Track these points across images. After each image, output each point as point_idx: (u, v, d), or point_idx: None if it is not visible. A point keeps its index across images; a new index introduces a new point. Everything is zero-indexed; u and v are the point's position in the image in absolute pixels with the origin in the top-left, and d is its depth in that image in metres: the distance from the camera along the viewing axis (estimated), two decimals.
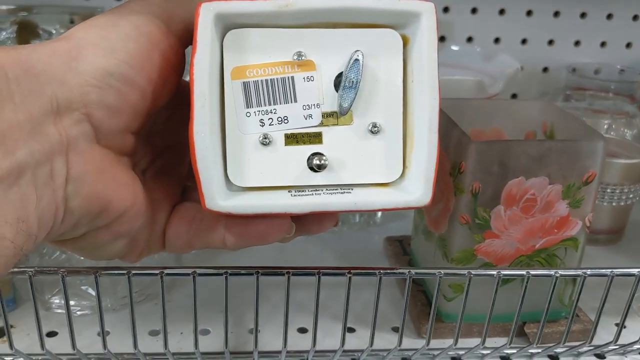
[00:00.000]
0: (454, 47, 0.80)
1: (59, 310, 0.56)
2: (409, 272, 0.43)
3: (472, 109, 0.58)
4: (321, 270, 0.43)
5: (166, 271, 0.44)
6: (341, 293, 0.59)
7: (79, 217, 0.31)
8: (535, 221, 0.50)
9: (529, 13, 0.95)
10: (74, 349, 0.45)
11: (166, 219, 0.37)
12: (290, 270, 0.43)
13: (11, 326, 0.53)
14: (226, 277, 0.44)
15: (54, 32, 0.82)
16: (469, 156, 0.48)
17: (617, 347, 0.51)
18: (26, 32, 0.90)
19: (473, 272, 0.44)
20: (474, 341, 0.54)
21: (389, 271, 0.44)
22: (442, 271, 0.44)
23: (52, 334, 0.53)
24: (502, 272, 0.44)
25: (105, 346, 0.46)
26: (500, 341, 0.54)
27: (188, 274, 0.44)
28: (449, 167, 0.51)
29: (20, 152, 0.27)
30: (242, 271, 0.44)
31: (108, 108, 0.30)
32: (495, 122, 0.60)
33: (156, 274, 0.44)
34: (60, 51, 0.29)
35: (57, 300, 0.56)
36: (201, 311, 0.56)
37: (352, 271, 0.44)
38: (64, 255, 0.58)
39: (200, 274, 0.44)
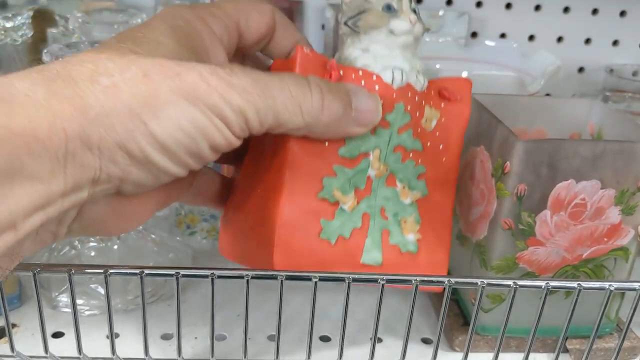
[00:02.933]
0: (490, 43, 0.75)
1: (66, 309, 0.52)
2: (448, 281, 0.39)
3: (514, 106, 0.54)
4: (352, 277, 0.39)
5: (182, 272, 0.40)
6: (366, 299, 0.55)
7: (75, 234, 0.35)
8: (583, 228, 0.46)
9: (566, 10, 0.91)
10: (80, 353, 0.42)
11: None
12: (317, 275, 0.39)
13: (14, 325, 0.50)
14: (247, 281, 0.40)
15: (69, 16, 0.79)
16: (515, 156, 0.44)
17: None
18: (42, 19, 0.87)
19: (519, 282, 0.40)
20: (510, 356, 0.50)
21: (425, 279, 0.40)
22: (485, 281, 0.40)
23: (58, 335, 0.50)
24: (550, 284, 0.40)
25: (113, 351, 0.42)
26: (539, 357, 0.50)
27: (206, 276, 0.40)
28: (491, 168, 0.47)
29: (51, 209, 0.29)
30: (265, 273, 0.41)
31: (143, 186, 0.33)
32: (538, 122, 0.56)
33: (171, 275, 0.40)
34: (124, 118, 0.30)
35: (64, 299, 0.52)
36: (217, 315, 0.53)
37: (384, 278, 0.40)
38: (73, 251, 0.55)
39: (219, 276, 0.40)
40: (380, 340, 0.51)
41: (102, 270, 0.40)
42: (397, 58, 0.43)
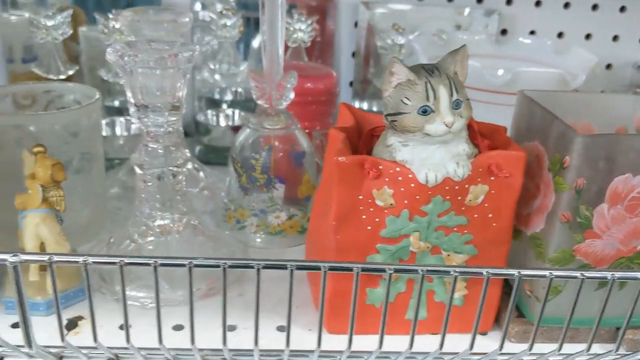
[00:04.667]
0: (525, 40, 0.76)
1: (129, 302, 0.54)
2: (518, 272, 0.40)
3: (561, 102, 0.55)
4: (360, 266, 0.41)
5: (229, 263, 0.41)
6: None
7: None
8: (639, 221, 0.47)
9: (595, 7, 0.92)
10: (128, 342, 0.43)
11: None
12: (327, 265, 0.40)
13: (81, 317, 0.52)
14: (292, 271, 0.41)
15: (110, 16, 0.81)
16: (574, 150, 0.45)
17: None
18: (79, 17, 0.88)
19: (586, 274, 0.41)
20: (565, 347, 0.51)
21: (497, 272, 0.41)
22: (553, 272, 0.41)
23: (124, 327, 0.51)
24: (615, 275, 0.42)
25: (161, 340, 0.43)
26: (592, 347, 0.51)
27: (251, 267, 0.41)
28: (548, 163, 0.48)
29: None
30: (308, 264, 0.42)
31: None
32: (584, 116, 0.57)
33: (218, 267, 0.41)
34: None
35: (127, 292, 0.54)
36: (278, 306, 0.54)
37: (456, 270, 0.41)
38: (132, 244, 0.56)
39: (265, 267, 0.41)
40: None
41: (151, 262, 0.41)
42: (435, 155, 0.45)
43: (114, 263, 0.41)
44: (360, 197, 0.47)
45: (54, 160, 0.50)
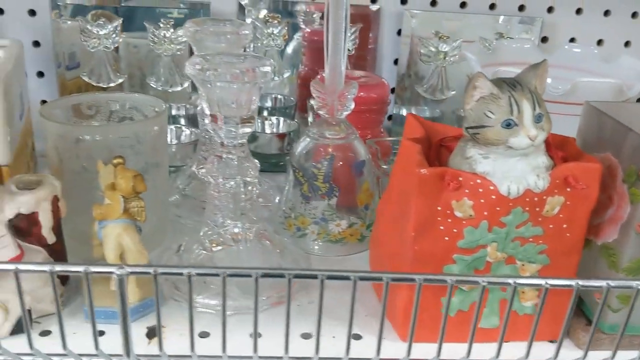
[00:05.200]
0: (575, 49, 0.77)
1: (204, 310, 0.55)
2: (576, 283, 0.41)
3: (627, 112, 0.56)
4: (390, 276, 0.41)
5: (294, 273, 0.42)
6: None
7: None
8: None
9: (634, 15, 0.93)
10: (192, 350, 0.44)
11: None
12: (358, 275, 0.41)
13: (161, 326, 0.52)
14: (355, 282, 0.42)
15: (161, 25, 0.82)
16: None
17: None
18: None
19: None
20: (632, 354, 0.52)
21: (556, 283, 0.42)
22: (611, 283, 0.42)
23: (204, 335, 0.52)
24: None
25: (224, 348, 0.44)
26: None
27: (315, 277, 0.42)
28: (622, 174, 0.49)
29: None
30: (371, 275, 0.43)
31: None
32: None
33: (283, 276, 0.42)
34: None
35: (202, 300, 0.55)
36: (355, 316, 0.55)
37: (517, 281, 0.42)
38: (204, 253, 0.57)
39: (329, 277, 0.42)
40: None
41: (220, 273, 0.41)
42: (516, 167, 0.46)
43: (181, 274, 0.42)
44: (439, 208, 0.48)
45: (135, 172, 0.51)
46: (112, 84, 0.82)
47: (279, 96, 0.97)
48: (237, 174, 0.55)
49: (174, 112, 0.89)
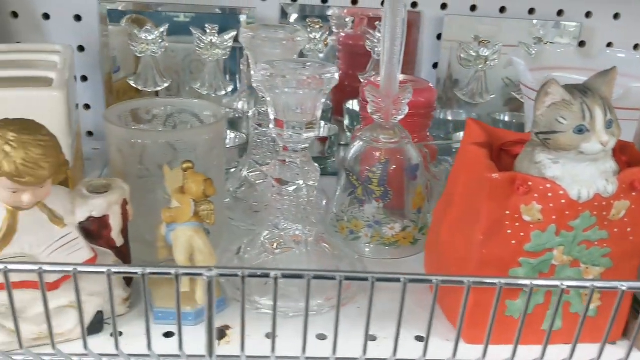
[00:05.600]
0: (620, 54, 0.78)
1: (265, 311, 0.55)
2: (621, 285, 0.42)
3: None
4: (439, 278, 0.42)
5: (345, 275, 0.43)
6: None
7: None
8: None
9: None
10: (242, 351, 0.44)
11: None
12: (407, 278, 0.42)
13: (228, 327, 0.54)
14: (405, 284, 0.42)
15: (207, 31, 0.83)
16: None
17: None
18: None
19: None
20: None
21: (634, 286, 0.42)
22: None
23: (271, 336, 0.53)
24: None
25: (274, 349, 0.45)
26: None
27: (365, 279, 0.43)
28: None
29: None
30: (421, 277, 0.44)
31: None
32: None
33: (334, 279, 0.43)
34: None
35: (264, 301, 0.56)
36: (416, 317, 0.56)
37: (595, 284, 0.42)
38: (266, 255, 0.58)
39: (379, 279, 0.43)
40: None
41: (271, 274, 0.42)
42: (586, 172, 0.47)
43: (235, 275, 0.42)
44: (507, 212, 0.48)
45: (204, 176, 0.52)
46: (158, 88, 0.84)
47: None
48: (300, 178, 0.56)
49: None
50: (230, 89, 0.86)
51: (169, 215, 0.53)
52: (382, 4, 0.91)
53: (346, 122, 0.96)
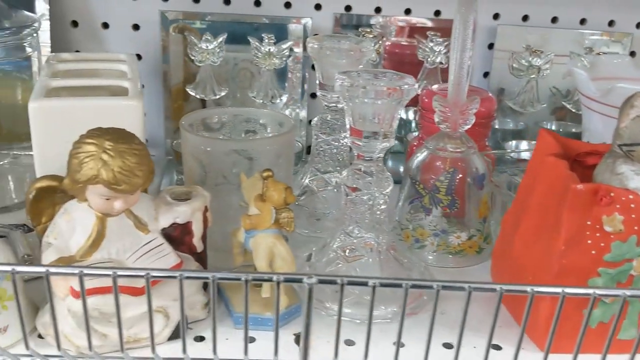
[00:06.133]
0: None
1: (342, 318, 0.56)
2: None
3: None
4: (503, 287, 0.42)
5: (412, 283, 0.43)
6: None
7: None
8: None
9: None
10: (276, 355, 0.45)
11: None
12: (473, 286, 0.42)
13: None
14: (469, 292, 0.43)
15: (265, 40, 0.84)
16: None
17: None
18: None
19: None
20: None
21: None
22: None
23: (350, 343, 0.54)
24: None
25: (336, 353, 0.45)
26: None
27: (431, 287, 0.43)
28: None
29: None
30: (486, 286, 0.44)
31: None
32: None
33: (400, 286, 0.43)
34: None
35: (345, 310, 0.56)
36: (484, 325, 0.57)
37: (626, 293, 0.43)
38: (339, 263, 0.59)
39: (444, 287, 0.43)
40: None
41: (338, 280, 0.42)
42: None
43: (300, 280, 0.43)
44: (588, 222, 0.49)
45: (285, 184, 0.53)
46: (215, 97, 0.85)
47: None
48: (374, 186, 0.56)
49: None
50: (285, 97, 0.88)
51: (249, 222, 0.54)
52: (436, 14, 0.92)
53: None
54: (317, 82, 0.69)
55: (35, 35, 0.71)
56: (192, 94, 0.85)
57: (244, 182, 0.57)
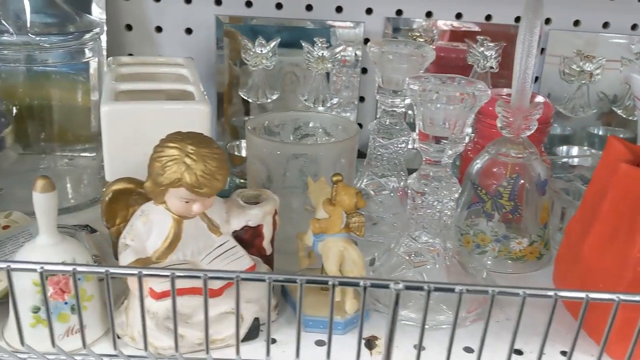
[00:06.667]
0: None
1: (406, 323, 0.56)
2: None
3: None
4: (558, 293, 0.42)
5: (466, 288, 0.42)
6: None
7: None
8: None
9: None
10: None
11: None
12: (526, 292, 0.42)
13: (377, 337, 0.55)
14: (524, 298, 0.42)
15: (318, 45, 0.84)
16: None
17: None
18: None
19: None
20: None
21: None
22: None
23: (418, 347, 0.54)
24: None
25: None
26: None
27: (486, 292, 0.43)
28: None
29: None
30: (540, 292, 0.43)
31: None
32: None
33: (452, 291, 0.42)
34: None
35: (408, 314, 0.56)
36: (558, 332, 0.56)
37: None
38: (399, 267, 0.59)
39: (499, 293, 0.42)
40: None
41: (391, 285, 0.41)
42: None
43: (386, 286, 0.43)
44: None
45: (356, 189, 0.53)
46: (267, 100, 0.86)
47: (409, 112, 0.98)
48: (441, 191, 0.57)
49: None
50: (335, 100, 0.88)
51: (319, 226, 0.54)
52: (487, 18, 0.92)
53: None
54: (377, 85, 0.69)
55: (98, 39, 0.72)
56: (245, 97, 0.85)
57: (311, 187, 0.57)
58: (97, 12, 0.86)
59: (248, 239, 0.55)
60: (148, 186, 0.49)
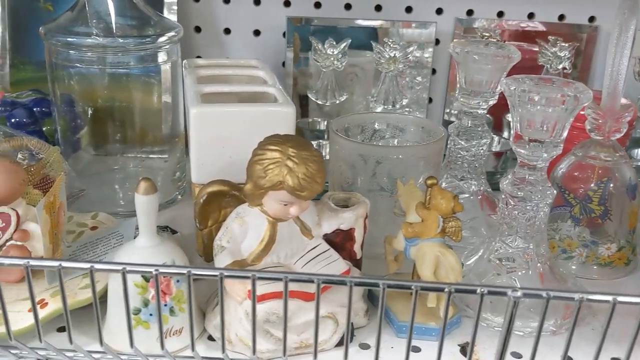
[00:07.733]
0: None
1: (499, 329, 0.55)
2: None
3: None
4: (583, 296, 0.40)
5: (486, 290, 0.40)
6: None
7: None
8: None
9: None
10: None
11: None
12: (551, 293, 0.40)
13: (468, 343, 0.53)
14: (580, 302, 0.40)
15: (390, 45, 0.83)
16: None
17: None
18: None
19: None
20: None
21: None
22: None
23: (516, 355, 0.53)
24: None
25: None
26: None
27: (540, 296, 0.41)
28: None
29: None
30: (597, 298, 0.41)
31: None
32: None
33: (474, 292, 0.40)
34: None
35: (492, 318, 0.55)
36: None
37: None
38: (494, 274, 0.57)
39: (553, 297, 0.40)
40: None
41: (445, 287, 0.41)
42: None
43: (504, 294, 0.41)
44: None
45: (452, 193, 0.52)
46: (336, 102, 0.85)
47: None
48: (536, 195, 0.55)
49: None
50: (405, 101, 0.87)
51: (412, 231, 0.53)
52: (560, 18, 0.90)
53: (505, 134, 0.95)
54: (458, 86, 0.68)
55: (177, 42, 0.72)
56: (314, 99, 0.85)
57: (400, 190, 0.56)
58: (168, 14, 0.87)
59: (339, 242, 0.54)
60: (248, 189, 0.49)
